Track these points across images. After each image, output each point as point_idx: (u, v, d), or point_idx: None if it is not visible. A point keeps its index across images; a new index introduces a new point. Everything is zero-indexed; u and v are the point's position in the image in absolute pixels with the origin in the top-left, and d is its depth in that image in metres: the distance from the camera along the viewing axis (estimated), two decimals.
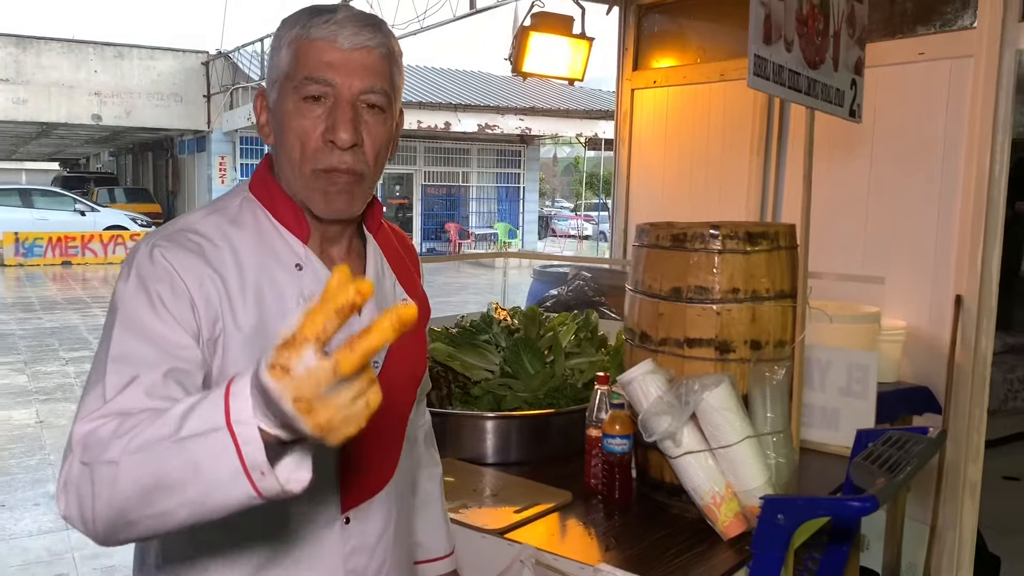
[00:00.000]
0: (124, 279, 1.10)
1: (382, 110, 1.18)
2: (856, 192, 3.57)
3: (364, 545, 1.24)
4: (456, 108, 19.34)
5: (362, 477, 1.23)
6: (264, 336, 1.12)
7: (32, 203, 19.58)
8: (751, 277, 1.76)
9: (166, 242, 1.12)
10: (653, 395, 1.71)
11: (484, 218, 23.25)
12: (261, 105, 1.23)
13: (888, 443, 1.78)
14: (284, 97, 1.16)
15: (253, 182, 1.25)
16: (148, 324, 1.05)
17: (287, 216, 1.20)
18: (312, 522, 1.18)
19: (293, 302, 1.17)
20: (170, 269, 1.09)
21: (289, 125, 1.16)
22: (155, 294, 1.07)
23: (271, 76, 1.20)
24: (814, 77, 1.71)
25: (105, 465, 0.89)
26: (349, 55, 1.14)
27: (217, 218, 1.18)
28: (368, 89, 1.16)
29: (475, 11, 9.53)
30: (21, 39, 17.18)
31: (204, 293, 1.09)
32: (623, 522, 1.80)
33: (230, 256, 1.14)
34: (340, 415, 0.74)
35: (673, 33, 4.66)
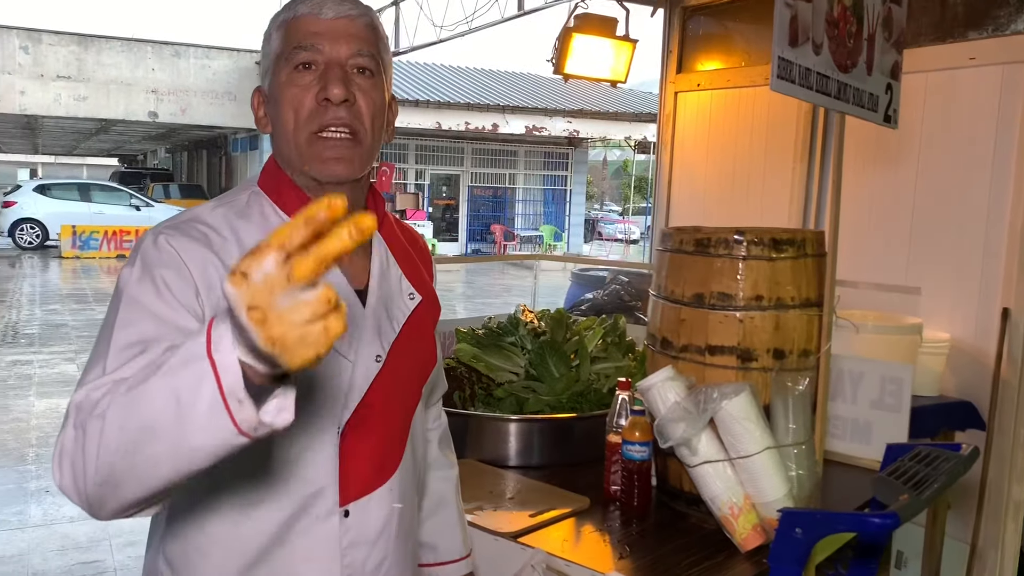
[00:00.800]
0: (129, 265, 1.12)
1: (372, 73, 1.21)
2: (901, 200, 3.48)
3: (363, 539, 1.23)
4: (504, 110, 19.37)
5: (363, 470, 1.23)
6: None
7: (90, 197, 20.12)
8: (776, 284, 1.72)
9: (171, 230, 1.14)
10: (671, 401, 1.68)
11: (530, 220, 23.25)
12: (258, 101, 1.26)
13: (917, 459, 1.72)
14: (277, 75, 1.20)
15: (262, 176, 1.27)
16: (152, 305, 1.06)
17: (294, 208, 1.21)
18: (310, 513, 1.18)
19: None
20: (175, 255, 1.10)
21: (283, 96, 1.19)
22: (160, 279, 1.08)
23: (265, 65, 1.23)
24: (845, 81, 1.66)
25: (94, 419, 0.89)
26: (333, 23, 1.19)
27: (224, 210, 1.20)
28: (355, 53, 1.19)
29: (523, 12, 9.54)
30: (83, 38, 17.63)
31: (207, 279, 1.10)
32: (640, 530, 1.77)
33: (235, 247, 1.15)
34: (295, 332, 0.71)
35: (718, 36, 4.60)
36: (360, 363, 1.21)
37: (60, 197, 19.73)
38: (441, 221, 21.94)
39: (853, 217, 3.60)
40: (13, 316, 10.68)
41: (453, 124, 19.10)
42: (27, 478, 5.03)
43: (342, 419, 1.20)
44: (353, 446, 1.21)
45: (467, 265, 18.78)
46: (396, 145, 20.54)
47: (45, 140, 28.63)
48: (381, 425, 1.25)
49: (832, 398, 2.23)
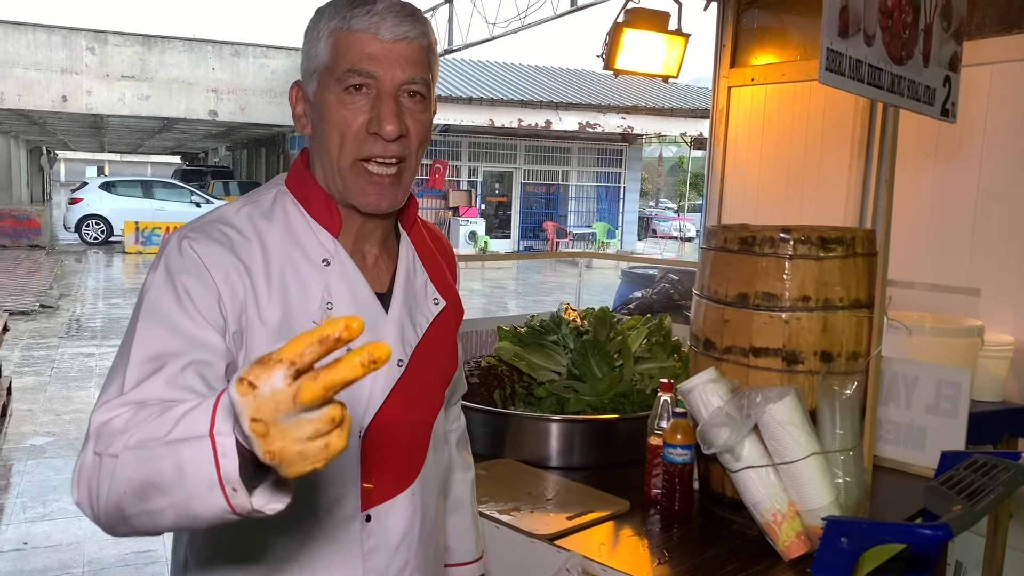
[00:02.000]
0: (154, 270, 1.12)
1: (423, 97, 1.18)
2: (963, 197, 3.35)
3: (385, 545, 1.22)
4: (557, 106, 19.30)
5: (384, 476, 1.22)
6: (288, 331, 1.11)
7: (152, 194, 20.65)
8: (823, 285, 1.66)
9: (196, 233, 1.13)
10: (713, 405, 1.64)
11: (583, 217, 23.15)
12: (297, 96, 1.22)
13: (973, 467, 1.65)
14: (324, 89, 1.16)
15: (289, 176, 1.25)
16: (173, 316, 1.06)
17: (320, 209, 1.20)
18: (332, 518, 1.18)
19: (318, 298, 1.16)
20: (198, 261, 1.10)
21: (330, 117, 1.15)
22: (181, 287, 1.08)
23: (308, 67, 1.19)
24: (899, 73, 1.59)
25: (109, 458, 0.91)
26: (391, 46, 1.14)
27: (250, 210, 1.19)
28: (410, 80, 1.15)
29: (576, 8, 9.48)
30: (147, 38, 18.07)
31: (230, 285, 1.10)
32: (680, 535, 1.73)
33: (258, 249, 1.15)
34: (295, 448, 0.72)
35: (772, 29, 4.50)
36: (380, 368, 1.20)
37: (124, 194, 20.28)
38: (494, 218, 21.97)
39: (910, 215, 3.49)
40: (77, 310, 11.00)
41: (506, 121, 19.10)
42: None
43: (363, 424, 1.19)
44: (374, 451, 1.20)
45: (519, 262, 18.78)
46: (449, 142, 20.63)
47: (111, 138, 29.47)
48: (402, 430, 1.24)
49: (885, 403, 2.15)
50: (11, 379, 6.68)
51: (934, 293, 3.10)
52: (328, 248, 1.19)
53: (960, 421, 2.09)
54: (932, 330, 2.72)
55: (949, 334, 2.76)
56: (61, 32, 17.25)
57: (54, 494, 4.73)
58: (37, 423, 6.04)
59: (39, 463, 5.23)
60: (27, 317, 10.17)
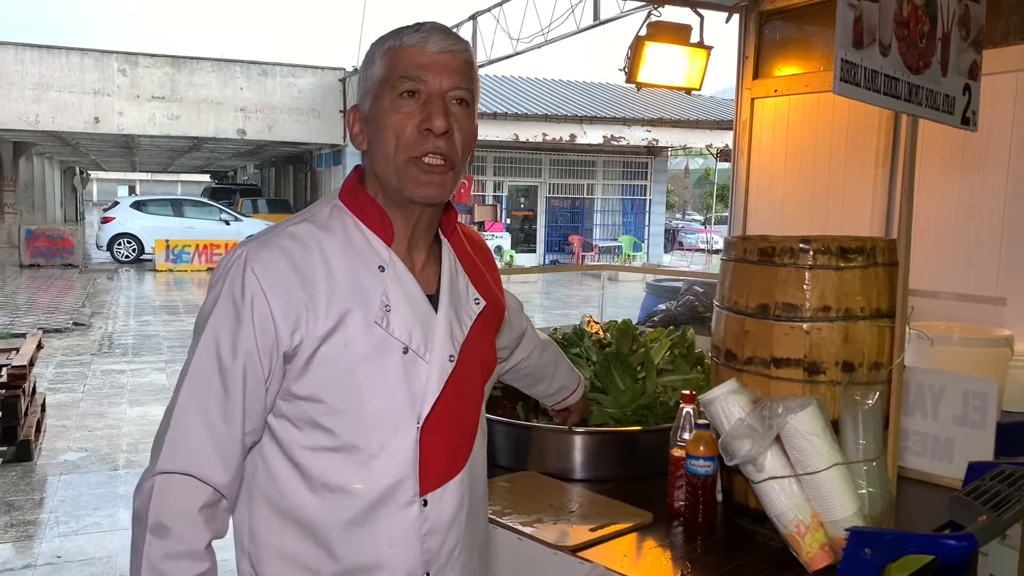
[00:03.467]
0: (214, 297, 1.26)
1: (468, 104, 1.31)
2: (990, 206, 3.32)
3: (439, 527, 1.33)
4: (581, 120, 19.34)
5: (439, 462, 1.33)
6: (348, 331, 1.26)
7: (182, 212, 20.95)
8: (844, 295, 1.66)
9: (259, 250, 1.26)
10: (735, 416, 1.64)
11: (608, 231, 23.12)
12: (354, 118, 1.35)
13: (999, 478, 1.64)
14: (380, 100, 1.29)
15: (343, 192, 1.37)
16: (226, 368, 1.23)
17: (373, 220, 1.32)
18: (392, 502, 1.29)
19: (377, 301, 1.28)
20: (256, 286, 1.23)
21: (386, 122, 1.28)
22: (238, 318, 1.23)
23: (365, 88, 1.32)
24: (916, 83, 1.59)
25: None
26: (437, 57, 1.28)
27: (309, 225, 1.31)
28: (455, 86, 1.29)
29: (598, 23, 9.53)
30: (176, 59, 18.39)
31: (285, 307, 1.23)
32: (703, 547, 1.73)
33: (319, 258, 1.27)
34: None
35: (795, 40, 4.50)
36: (435, 363, 1.32)
37: (154, 212, 20.61)
38: (519, 232, 22.01)
39: (936, 224, 3.46)
40: (109, 327, 11.17)
41: (531, 135, 19.17)
42: (117, 483, 5.24)
43: (421, 415, 1.30)
44: (430, 440, 1.31)
45: (544, 276, 18.80)
46: (475, 157, 20.63)
47: (142, 158, 29.95)
48: (454, 420, 1.35)
49: (911, 413, 2.14)
50: (45, 395, 6.80)
51: (960, 303, 3.06)
52: (383, 255, 1.31)
53: (988, 432, 2.07)
54: (961, 340, 2.68)
55: (979, 344, 2.73)
56: (93, 55, 17.61)
57: (87, 508, 4.80)
58: (70, 439, 6.14)
59: (72, 478, 5.32)
60: (61, 334, 10.34)
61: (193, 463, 1.21)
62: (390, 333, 1.27)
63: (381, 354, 1.27)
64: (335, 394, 1.26)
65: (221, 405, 1.23)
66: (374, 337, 1.26)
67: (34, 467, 5.50)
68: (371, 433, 1.27)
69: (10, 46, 16.90)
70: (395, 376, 1.28)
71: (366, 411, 1.26)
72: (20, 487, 5.13)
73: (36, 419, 5.98)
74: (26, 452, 5.56)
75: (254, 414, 1.26)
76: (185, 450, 1.22)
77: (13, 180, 20.91)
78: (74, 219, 35.50)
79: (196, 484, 1.21)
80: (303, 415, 1.27)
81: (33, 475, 5.36)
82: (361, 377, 1.26)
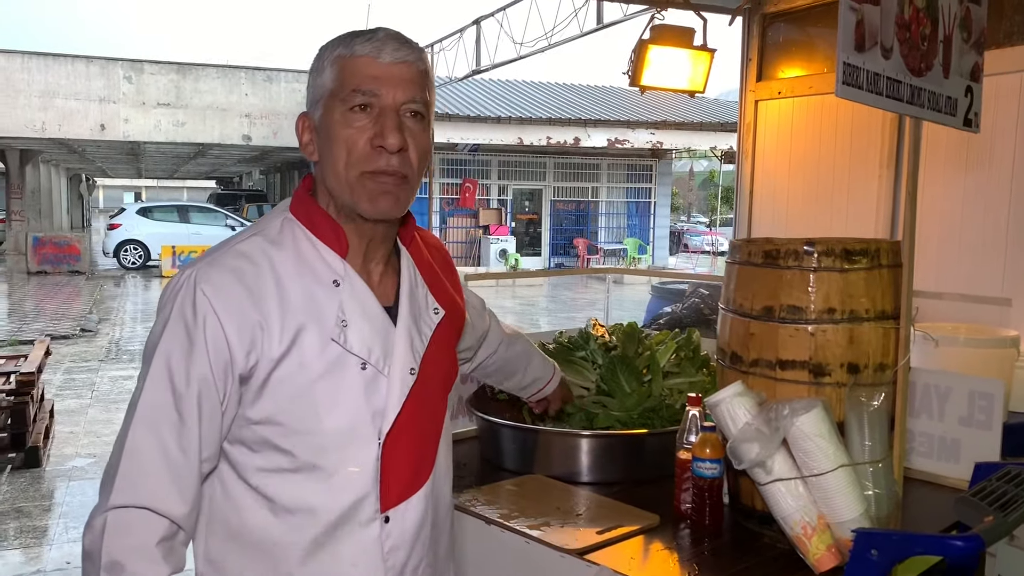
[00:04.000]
0: (163, 318, 1.21)
1: (423, 117, 1.26)
2: (995, 207, 3.32)
3: (403, 542, 1.29)
4: (586, 123, 19.34)
5: (400, 477, 1.29)
6: (303, 351, 1.21)
7: (188, 219, 21.02)
8: (849, 297, 1.66)
9: (207, 270, 1.21)
10: (741, 419, 1.64)
11: (613, 233, 23.10)
12: (303, 126, 1.30)
13: (1005, 478, 1.64)
14: (330, 112, 1.24)
15: (293, 203, 1.32)
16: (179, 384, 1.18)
17: (326, 233, 1.27)
18: (353, 520, 1.25)
19: (332, 317, 1.23)
20: (209, 309, 1.18)
21: (336, 135, 1.23)
22: (191, 341, 1.18)
23: (314, 96, 1.27)
24: (919, 85, 1.60)
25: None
26: (391, 68, 1.23)
27: (259, 240, 1.26)
28: (410, 99, 1.24)
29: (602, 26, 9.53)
30: (181, 66, 18.44)
31: (239, 328, 1.19)
32: (710, 549, 1.73)
33: (270, 275, 1.22)
34: None
35: (798, 42, 4.50)
36: (395, 377, 1.28)
37: (160, 219, 20.67)
38: (524, 236, 22.01)
39: (941, 225, 3.46)
40: (116, 333, 11.21)
41: (535, 139, 19.18)
42: None
43: (383, 431, 1.26)
44: (392, 455, 1.27)
45: (550, 279, 18.80)
46: (479, 161, 20.74)
47: (148, 165, 30.04)
48: (416, 434, 1.31)
49: (917, 414, 2.14)
50: (53, 402, 6.83)
51: (965, 303, 3.06)
52: (337, 269, 1.26)
53: (994, 432, 2.07)
54: (967, 341, 2.69)
55: (985, 344, 2.73)
56: (99, 62, 17.67)
57: None
58: (79, 445, 6.16)
59: (81, 484, 5.34)
60: (68, 341, 10.38)
61: (149, 496, 1.15)
62: (348, 349, 1.23)
63: (338, 371, 1.23)
64: (293, 415, 1.21)
65: (176, 433, 1.17)
66: (331, 354, 1.22)
67: (43, 473, 5.52)
68: (331, 452, 1.23)
69: (16, 54, 16.98)
70: (354, 392, 1.24)
71: (325, 430, 1.22)
72: (29, 493, 5.16)
73: (44, 425, 6.01)
74: (35, 458, 5.58)
75: (210, 440, 1.20)
76: (140, 482, 1.15)
77: (20, 187, 20.98)
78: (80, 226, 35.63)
79: (152, 517, 1.15)
80: (259, 438, 1.23)
81: (42, 481, 5.38)
82: (319, 396, 1.22)
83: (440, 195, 20.27)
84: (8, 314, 12.53)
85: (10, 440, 5.57)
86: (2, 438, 5.57)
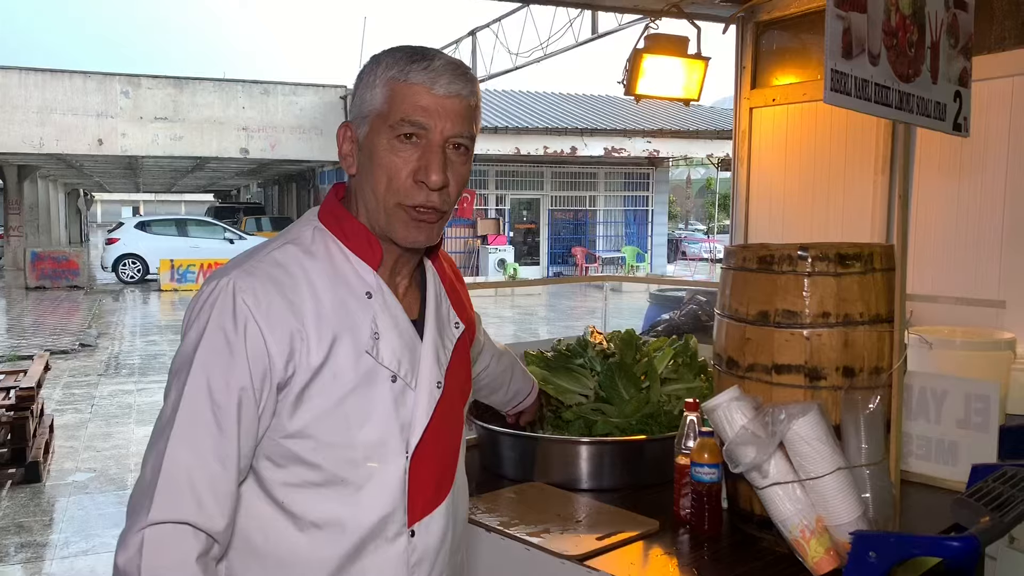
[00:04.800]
0: (199, 328, 1.18)
1: (467, 150, 1.26)
2: (989, 210, 3.34)
3: (427, 556, 1.29)
4: (582, 133, 19.40)
5: (425, 491, 1.29)
6: (338, 364, 1.20)
7: (186, 232, 21.03)
8: (843, 301, 1.68)
9: (245, 280, 1.19)
10: (738, 423, 1.65)
11: (611, 242, 23.14)
12: (345, 136, 1.29)
13: (1002, 479, 1.65)
14: (376, 134, 1.22)
15: (323, 213, 1.31)
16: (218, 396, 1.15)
17: (360, 244, 1.26)
18: (381, 535, 1.25)
19: (366, 329, 1.23)
20: (248, 316, 1.16)
21: (380, 161, 1.22)
22: (231, 351, 1.16)
23: (361, 110, 1.25)
24: (907, 91, 1.61)
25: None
26: (443, 101, 1.21)
27: (293, 248, 1.25)
28: (458, 134, 1.23)
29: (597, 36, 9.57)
30: (178, 80, 18.49)
31: (279, 336, 1.17)
32: (710, 554, 1.74)
33: (306, 286, 1.21)
34: None
35: (792, 50, 4.53)
36: (423, 391, 1.28)
37: (159, 233, 20.68)
38: (522, 245, 22.05)
39: (935, 229, 3.48)
40: (115, 348, 11.20)
41: (532, 149, 19.23)
42: (126, 503, 5.25)
43: (410, 444, 1.26)
44: (419, 469, 1.27)
45: (548, 288, 18.82)
46: (476, 171, 20.79)
47: (145, 179, 30.07)
48: (440, 447, 1.32)
49: (914, 417, 2.15)
50: (53, 417, 6.82)
51: (960, 306, 3.08)
52: (370, 281, 1.26)
53: (991, 435, 2.08)
54: (963, 344, 2.70)
55: (981, 347, 2.74)
56: (96, 77, 17.72)
57: (96, 529, 4.82)
58: (78, 459, 6.16)
59: (81, 499, 5.33)
60: (67, 356, 10.37)
61: (190, 511, 1.12)
62: (380, 362, 1.23)
63: (370, 384, 1.22)
64: (325, 428, 1.20)
65: (216, 446, 1.14)
66: (364, 366, 1.22)
67: (43, 488, 5.51)
68: (360, 466, 1.22)
69: (14, 70, 17.02)
70: (384, 406, 1.23)
71: (355, 443, 1.21)
72: (29, 508, 5.15)
73: (44, 440, 6.01)
74: (35, 473, 5.57)
75: (247, 452, 1.18)
76: (181, 498, 1.13)
77: (18, 203, 21.01)
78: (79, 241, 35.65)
79: (192, 532, 1.12)
80: (287, 452, 1.21)
81: (42, 496, 5.38)
82: (350, 408, 1.21)
83: None
84: (7, 329, 12.53)
85: (10, 455, 5.56)
86: (2, 453, 5.56)
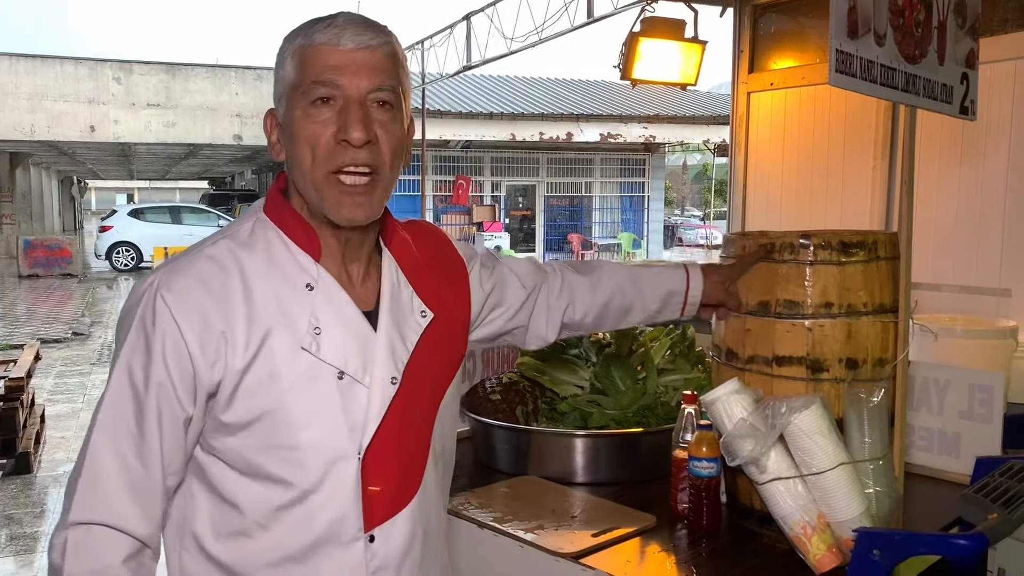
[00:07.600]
0: (126, 327, 1.16)
1: (392, 107, 1.17)
2: (992, 196, 3.29)
3: (389, 563, 1.22)
4: (578, 118, 19.30)
5: (385, 494, 1.21)
6: (272, 358, 1.15)
7: (180, 220, 20.95)
8: (846, 290, 1.62)
9: (170, 277, 1.15)
10: (737, 416, 1.61)
11: (607, 228, 23.07)
12: (271, 124, 1.23)
13: (1008, 473, 1.61)
14: (292, 107, 1.16)
15: (266, 204, 1.25)
16: (138, 394, 1.13)
17: (298, 235, 1.20)
18: (335, 539, 1.18)
19: (304, 323, 1.16)
20: (168, 318, 1.12)
21: (299, 132, 1.16)
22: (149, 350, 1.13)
23: (278, 92, 1.20)
24: (913, 72, 1.56)
25: None
26: (353, 55, 1.14)
27: (228, 242, 1.20)
28: (376, 87, 1.15)
29: (592, 20, 9.47)
30: (171, 66, 18.35)
31: (201, 338, 1.13)
32: (708, 550, 1.69)
33: (238, 280, 1.15)
34: None
35: (790, 32, 4.47)
36: (375, 387, 1.20)
37: (152, 220, 20.60)
38: (518, 232, 21.98)
39: (938, 217, 3.43)
40: (108, 336, 11.13)
41: (527, 135, 19.13)
42: None
43: (362, 444, 1.19)
44: (374, 471, 1.20)
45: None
46: (472, 158, 20.69)
47: (139, 166, 29.91)
48: (401, 447, 1.24)
49: (916, 408, 2.11)
50: (44, 407, 6.77)
51: (964, 295, 3.03)
52: (310, 272, 1.19)
53: (995, 426, 2.04)
54: (965, 332, 2.65)
55: (983, 336, 2.70)
56: (88, 64, 17.57)
57: None
58: (70, 450, 6.10)
59: None
60: (59, 345, 10.32)
61: (109, 512, 1.10)
62: (320, 358, 1.16)
63: (312, 381, 1.16)
64: (265, 428, 1.14)
65: (136, 447, 1.11)
66: (302, 363, 1.15)
67: (34, 479, 5.47)
68: (307, 467, 1.16)
69: (3, 56, 16.87)
70: (330, 404, 1.16)
71: (300, 444, 1.15)
72: (20, 500, 5.11)
73: (35, 431, 5.96)
74: (25, 464, 5.53)
75: (174, 454, 1.14)
76: (99, 498, 1.10)
77: (10, 191, 20.89)
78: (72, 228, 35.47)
79: (115, 535, 1.10)
80: (232, 451, 1.16)
81: (33, 487, 5.33)
82: (292, 408, 1.15)
83: (433, 193, 20.19)
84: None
85: (0, 446, 5.52)
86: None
